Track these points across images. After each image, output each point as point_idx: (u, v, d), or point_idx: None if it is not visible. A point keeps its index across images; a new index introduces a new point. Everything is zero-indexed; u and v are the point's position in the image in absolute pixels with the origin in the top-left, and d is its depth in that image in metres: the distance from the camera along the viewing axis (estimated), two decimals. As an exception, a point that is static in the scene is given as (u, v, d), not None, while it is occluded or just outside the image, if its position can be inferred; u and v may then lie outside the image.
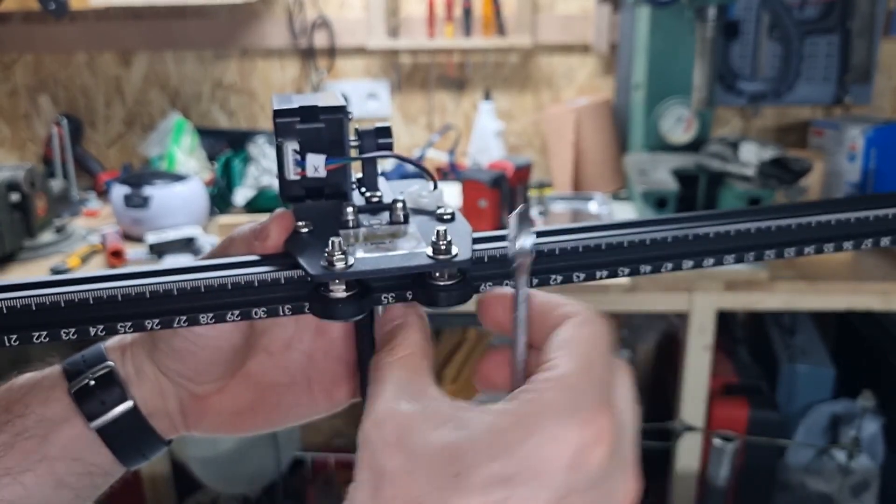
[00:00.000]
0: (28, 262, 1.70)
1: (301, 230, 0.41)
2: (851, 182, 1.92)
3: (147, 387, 0.47)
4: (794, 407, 1.96)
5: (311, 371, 0.48)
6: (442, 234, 0.37)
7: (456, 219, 0.42)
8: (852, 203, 0.44)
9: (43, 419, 0.45)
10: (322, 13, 2.16)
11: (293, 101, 0.43)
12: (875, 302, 1.62)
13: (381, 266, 0.37)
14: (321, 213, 0.43)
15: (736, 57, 1.98)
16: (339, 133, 0.43)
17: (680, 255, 0.42)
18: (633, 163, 1.89)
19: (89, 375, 0.46)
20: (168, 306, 0.38)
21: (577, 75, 2.20)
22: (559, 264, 0.41)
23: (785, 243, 0.43)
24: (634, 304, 1.68)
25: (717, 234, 0.42)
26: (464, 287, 0.38)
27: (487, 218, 1.69)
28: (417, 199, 0.44)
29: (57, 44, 2.24)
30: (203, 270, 0.39)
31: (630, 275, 0.42)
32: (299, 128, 0.43)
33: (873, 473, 1.87)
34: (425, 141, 2.21)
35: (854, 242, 0.44)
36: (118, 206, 1.79)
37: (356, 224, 0.41)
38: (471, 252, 0.38)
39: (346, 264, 0.37)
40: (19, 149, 2.35)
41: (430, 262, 0.37)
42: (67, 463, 0.45)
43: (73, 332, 0.37)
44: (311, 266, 0.37)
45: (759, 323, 2.18)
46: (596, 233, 0.41)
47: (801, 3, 1.94)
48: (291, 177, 0.43)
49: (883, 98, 2.14)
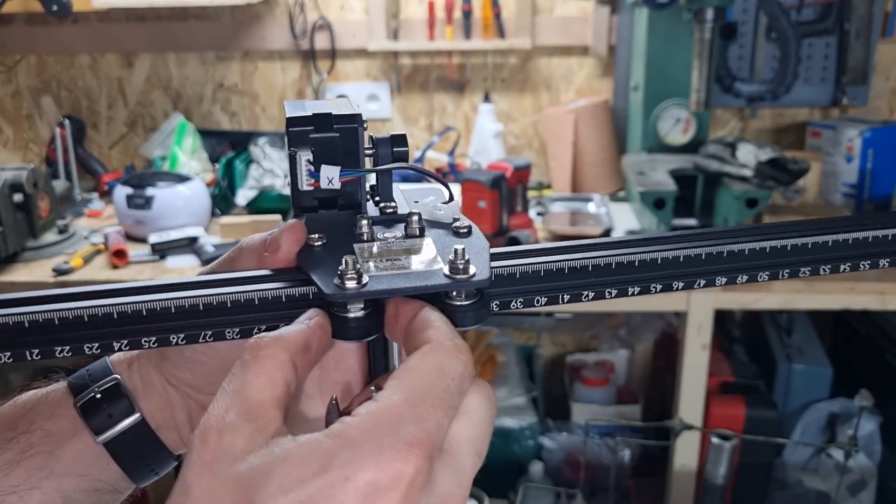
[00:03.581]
0: (31, 262, 1.71)
1: (314, 244, 0.40)
2: (848, 183, 1.93)
3: (154, 399, 0.46)
4: (792, 406, 1.98)
5: (322, 382, 0.47)
6: (460, 253, 0.36)
7: (473, 233, 0.41)
8: (849, 222, 0.43)
9: (49, 434, 0.44)
10: (323, 15, 2.17)
11: (306, 109, 0.42)
12: (872, 301, 1.63)
13: (397, 286, 0.36)
14: (335, 225, 0.41)
15: (734, 58, 2.00)
16: (354, 143, 0.41)
17: (670, 276, 0.41)
18: (631, 164, 1.90)
19: (95, 389, 0.45)
20: (176, 322, 0.37)
21: (575, 77, 2.21)
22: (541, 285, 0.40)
23: (780, 265, 0.42)
24: (633, 304, 1.69)
25: (709, 254, 0.41)
26: (481, 306, 0.37)
27: (487, 218, 1.70)
28: (433, 212, 0.43)
29: (60, 45, 2.25)
30: (214, 286, 0.38)
31: (618, 296, 0.41)
32: (313, 137, 0.41)
33: (870, 472, 1.88)
34: (425, 142, 2.23)
35: (851, 264, 0.43)
36: (121, 207, 1.80)
37: (370, 237, 0.40)
38: (489, 271, 0.37)
39: (360, 284, 0.35)
40: (22, 150, 2.36)
41: (448, 282, 0.36)
42: (75, 479, 0.44)
43: (68, 349, 0.36)
44: (324, 284, 0.36)
45: (757, 322, 2.19)
46: (581, 253, 0.40)
47: (799, 5, 1.95)
48: (304, 187, 0.41)
49: (880, 99, 2.16)
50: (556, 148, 2.12)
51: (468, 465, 0.32)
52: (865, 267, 0.43)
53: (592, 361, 2.25)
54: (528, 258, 0.40)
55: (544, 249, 0.40)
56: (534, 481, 1.87)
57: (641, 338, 2.25)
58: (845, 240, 0.42)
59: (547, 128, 2.17)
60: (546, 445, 2.04)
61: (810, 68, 2.01)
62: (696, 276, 0.42)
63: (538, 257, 0.40)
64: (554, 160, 2.13)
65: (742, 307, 1.73)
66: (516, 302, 0.40)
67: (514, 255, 0.40)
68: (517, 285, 0.39)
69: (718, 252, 0.41)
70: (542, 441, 2.05)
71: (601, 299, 0.41)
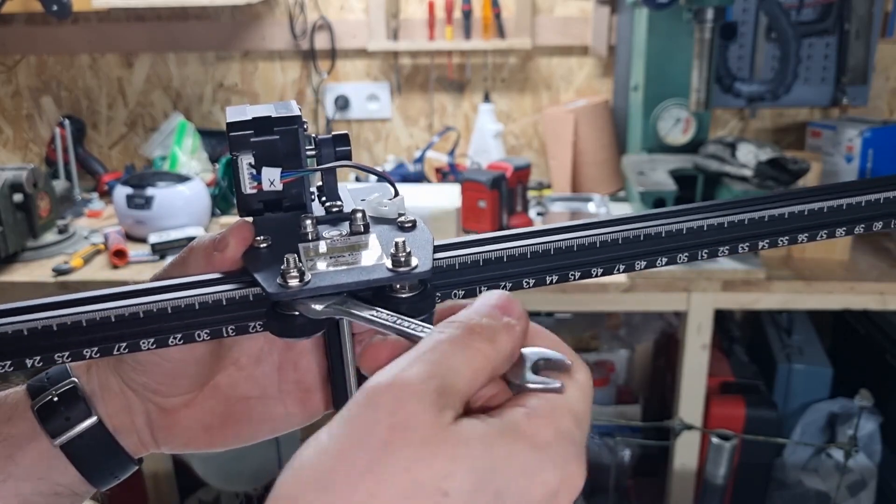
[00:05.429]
0: (31, 262, 1.71)
1: (259, 245, 0.40)
2: (848, 183, 1.93)
3: (113, 402, 0.46)
4: (792, 406, 1.98)
5: (282, 383, 0.47)
6: (401, 246, 0.37)
7: (417, 227, 0.41)
8: (843, 189, 0.44)
9: (6, 438, 0.44)
10: (323, 15, 2.17)
11: (247, 113, 0.42)
12: (872, 301, 1.63)
13: (339, 281, 0.36)
14: (280, 227, 0.42)
15: (734, 59, 2.00)
16: (295, 144, 0.42)
17: (674, 248, 0.42)
18: (631, 164, 1.90)
19: (53, 392, 0.45)
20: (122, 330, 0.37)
21: (575, 77, 2.21)
22: (554, 264, 0.41)
23: (778, 233, 0.43)
24: (632, 304, 1.69)
25: (710, 226, 0.42)
26: (424, 298, 0.37)
27: (487, 218, 1.70)
28: (378, 208, 0.43)
29: (60, 45, 2.25)
30: (160, 292, 0.38)
31: (559, 281, 0.41)
32: (254, 140, 0.41)
33: (870, 472, 1.88)
34: (425, 142, 2.23)
35: (846, 228, 0.44)
36: (120, 207, 1.80)
37: (315, 236, 0.41)
38: (431, 263, 0.37)
39: (303, 281, 0.36)
40: (22, 150, 2.36)
41: (390, 275, 0.36)
42: (34, 483, 0.44)
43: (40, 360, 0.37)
44: (268, 284, 0.36)
45: (757, 322, 2.19)
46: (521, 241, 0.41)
47: (799, 5, 1.95)
48: (248, 191, 0.42)
49: (880, 99, 2.16)
50: (556, 148, 2.12)
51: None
52: (861, 230, 0.44)
53: (592, 361, 2.25)
54: (471, 248, 0.40)
55: (486, 239, 0.41)
56: (534, 481, 1.86)
57: (641, 338, 2.25)
58: (839, 205, 0.43)
59: (547, 128, 2.17)
60: (546, 445, 2.04)
61: (810, 68, 2.01)
62: (699, 248, 0.42)
63: (480, 247, 0.40)
64: (554, 160, 2.13)
65: (742, 307, 1.73)
66: (456, 292, 0.40)
67: (458, 246, 0.41)
68: (459, 276, 0.40)
69: (720, 223, 0.42)
70: (542, 441, 2.04)
71: (542, 285, 0.41)
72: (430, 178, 2.18)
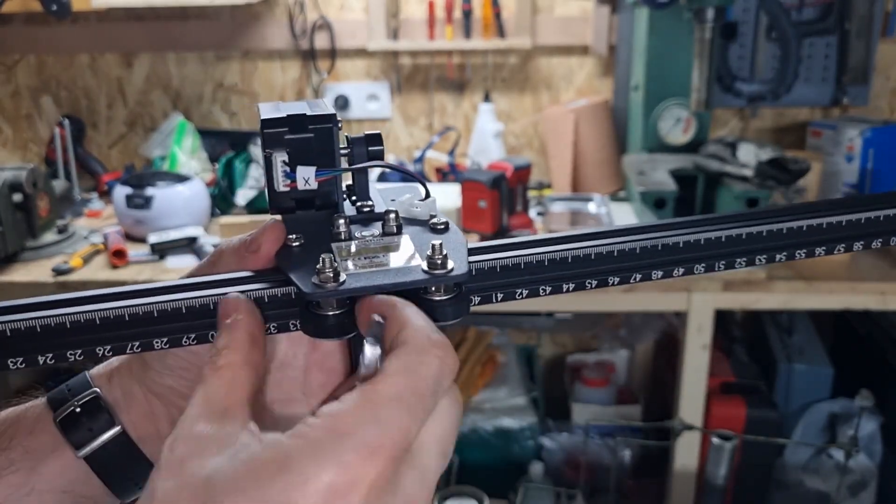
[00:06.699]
0: (30, 262, 1.71)
1: (292, 244, 0.40)
2: (849, 183, 1.93)
3: (136, 410, 0.45)
4: (792, 406, 1.97)
5: (306, 386, 0.46)
6: (438, 248, 0.36)
7: (450, 229, 0.41)
8: (843, 205, 0.44)
9: (29, 451, 0.43)
10: (323, 15, 2.17)
11: (281, 110, 0.42)
12: (872, 302, 1.63)
13: (374, 283, 0.36)
14: (312, 225, 0.42)
15: (734, 58, 1.99)
16: (329, 143, 0.42)
17: (671, 262, 0.42)
18: (631, 163, 1.90)
19: (75, 403, 0.44)
20: (159, 326, 0.37)
21: (576, 76, 2.21)
22: (551, 273, 0.41)
23: (776, 248, 0.43)
24: (633, 304, 1.69)
25: (708, 240, 0.42)
26: (460, 301, 0.37)
27: (487, 218, 1.70)
28: (410, 209, 0.43)
29: (59, 45, 2.25)
30: (192, 289, 0.38)
31: (598, 286, 0.41)
32: (288, 138, 0.41)
33: (871, 472, 1.88)
34: (425, 142, 2.22)
35: (845, 245, 0.44)
36: (120, 207, 1.80)
37: (348, 236, 0.40)
38: (468, 265, 0.37)
39: (338, 282, 0.36)
40: (22, 149, 2.36)
41: (426, 278, 0.36)
42: (57, 495, 0.44)
43: (51, 357, 0.37)
44: (303, 283, 0.36)
45: (757, 322, 2.19)
46: (559, 245, 0.41)
47: (799, 4, 1.95)
48: (281, 189, 0.42)
49: (880, 99, 2.16)
50: (556, 148, 2.11)
51: (433, 467, 0.32)
52: (859, 248, 0.44)
53: (593, 361, 2.24)
54: (507, 251, 0.40)
55: (523, 243, 0.41)
56: (534, 482, 1.87)
57: (642, 338, 2.25)
58: (839, 222, 0.43)
59: (547, 127, 2.17)
60: (546, 446, 2.04)
61: (811, 68, 2.01)
62: (674, 265, 0.42)
63: (517, 251, 0.40)
64: (554, 160, 2.13)
65: (742, 307, 1.72)
66: (496, 295, 0.40)
67: (493, 250, 0.40)
68: (497, 279, 0.40)
69: (717, 237, 0.42)
70: (542, 441, 2.04)
71: (581, 290, 0.41)
72: (430, 177, 2.18)
